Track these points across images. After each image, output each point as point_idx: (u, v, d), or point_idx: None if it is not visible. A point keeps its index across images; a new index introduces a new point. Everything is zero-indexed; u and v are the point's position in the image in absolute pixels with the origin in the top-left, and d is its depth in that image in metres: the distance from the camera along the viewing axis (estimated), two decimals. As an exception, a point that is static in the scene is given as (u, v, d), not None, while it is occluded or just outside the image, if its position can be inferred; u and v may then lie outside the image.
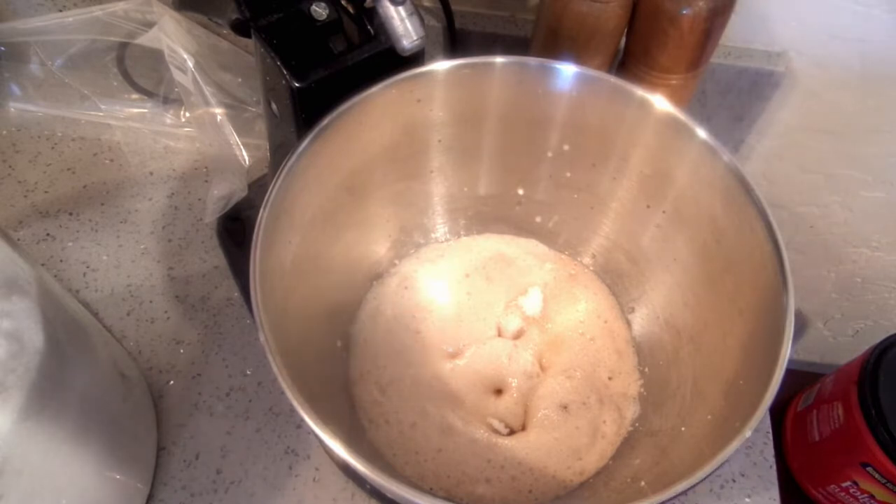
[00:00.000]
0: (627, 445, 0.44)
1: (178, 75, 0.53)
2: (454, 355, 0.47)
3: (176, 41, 0.51)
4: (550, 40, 0.48)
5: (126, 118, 0.62)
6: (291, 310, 0.37)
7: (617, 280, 0.50)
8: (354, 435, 0.43)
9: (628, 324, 0.49)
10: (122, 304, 0.52)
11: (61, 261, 0.54)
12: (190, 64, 0.51)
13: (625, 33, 0.49)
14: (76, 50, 0.59)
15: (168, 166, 0.60)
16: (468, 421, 0.44)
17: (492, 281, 0.50)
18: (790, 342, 0.32)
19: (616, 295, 0.50)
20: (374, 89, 0.38)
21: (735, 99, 0.57)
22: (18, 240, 0.55)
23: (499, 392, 0.46)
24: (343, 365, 0.46)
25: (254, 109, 0.59)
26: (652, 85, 0.48)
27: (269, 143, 0.46)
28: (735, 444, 0.29)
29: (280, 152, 0.43)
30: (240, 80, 0.58)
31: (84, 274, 0.54)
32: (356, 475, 0.44)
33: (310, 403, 0.30)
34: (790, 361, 0.31)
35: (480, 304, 0.49)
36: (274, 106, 0.40)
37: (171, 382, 0.48)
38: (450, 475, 0.42)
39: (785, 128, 0.60)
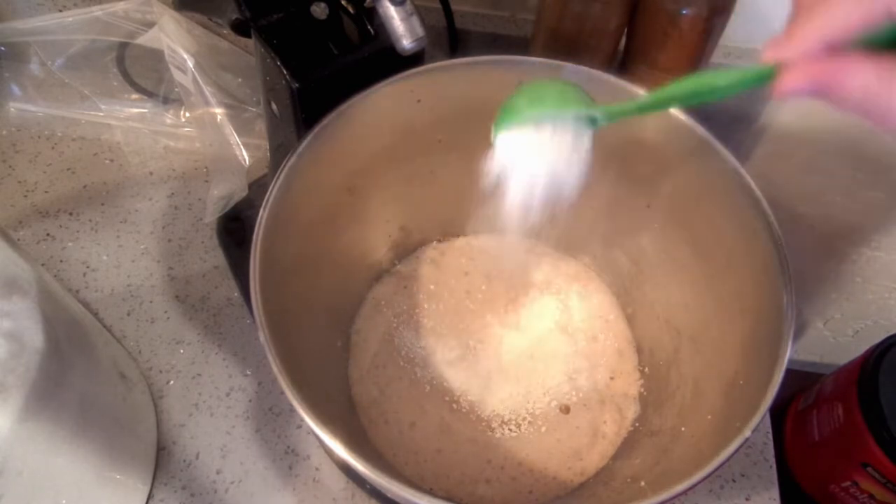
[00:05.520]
0: (627, 445, 0.44)
1: (178, 75, 0.53)
2: (453, 355, 0.47)
3: (176, 41, 0.51)
4: (550, 40, 0.48)
5: (126, 118, 0.62)
6: (291, 310, 0.37)
7: (617, 280, 0.50)
8: (354, 435, 0.43)
9: (629, 323, 0.49)
10: (122, 304, 0.52)
11: (61, 261, 0.54)
12: (190, 64, 0.51)
13: (625, 33, 0.49)
14: (76, 50, 0.59)
15: (168, 166, 0.60)
16: (468, 421, 0.44)
17: (491, 280, 0.50)
18: (790, 342, 0.32)
19: (616, 295, 0.50)
20: (374, 89, 0.38)
21: (735, 99, 0.57)
22: (18, 240, 0.55)
23: (499, 392, 0.46)
24: (343, 365, 0.46)
25: (254, 109, 0.59)
26: (652, 85, 0.48)
27: (269, 143, 0.46)
28: (735, 444, 0.29)
29: (280, 152, 0.43)
30: (240, 80, 0.58)
31: (84, 274, 0.54)
32: (356, 475, 0.44)
33: (310, 403, 0.30)
34: (790, 361, 0.31)
35: (480, 303, 0.49)
36: (274, 106, 0.40)
37: (171, 382, 0.48)
38: (450, 475, 0.42)
39: (785, 128, 0.60)
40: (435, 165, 0.46)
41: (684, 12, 0.44)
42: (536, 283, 0.50)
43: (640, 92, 0.39)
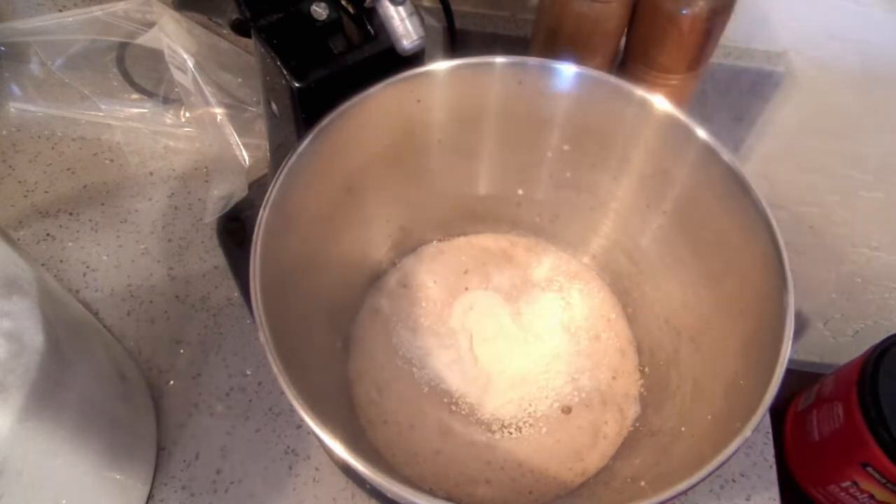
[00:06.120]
0: (627, 445, 0.44)
1: (178, 75, 0.53)
2: (453, 354, 0.47)
3: (176, 41, 0.51)
4: (550, 40, 0.48)
5: (126, 118, 0.62)
6: (291, 310, 0.37)
7: (617, 280, 0.50)
8: (354, 435, 0.43)
9: (629, 323, 0.49)
10: (122, 304, 0.52)
11: (61, 261, 0.54)
12: (190, 64, 0.51)
13: (625, 33, 0.49)
14: (76, 50, 0.59)
15: (168, 166, 0.60)
16: (467, 422, 0.44)
17: (491, 278, 0.50)
18: (790, 342, 0.32)
19: (616, 295, 0.50)
20: (374, 89, 0.38)
21: (735, 99, 0.57)
22: (18, 240, 0.55)
23: (499, 395, 0.46)
24: (343, 365, 0.46)
25: (254, 109, 0.59)
26: (652, 85, 0.48)
27: (269, 143, 0.46)
28: (735, 444, 0.29)
29: (280, 152, 0.43)
30: (240, 80, 0.58)
31: (84, 274, 0.54)
32: (356, 475, 0.44)
33: (310, 403, 0.30)
34: (790, 361, 0.31)
35: (479, 302, 0.49)
36: (274, 106, 0.40)
37: (171, 382, 0.48)
38: (449, 476, 0.42)
39: (785, 128, 0.60)
40: (435, 165, 0.46)
41: (684, 12, 0.44)
42: (538, 282, 0.50)
43: (640, 92, 0.39)
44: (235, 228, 0.54)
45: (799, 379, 0.60)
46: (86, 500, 0.38)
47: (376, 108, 0.39)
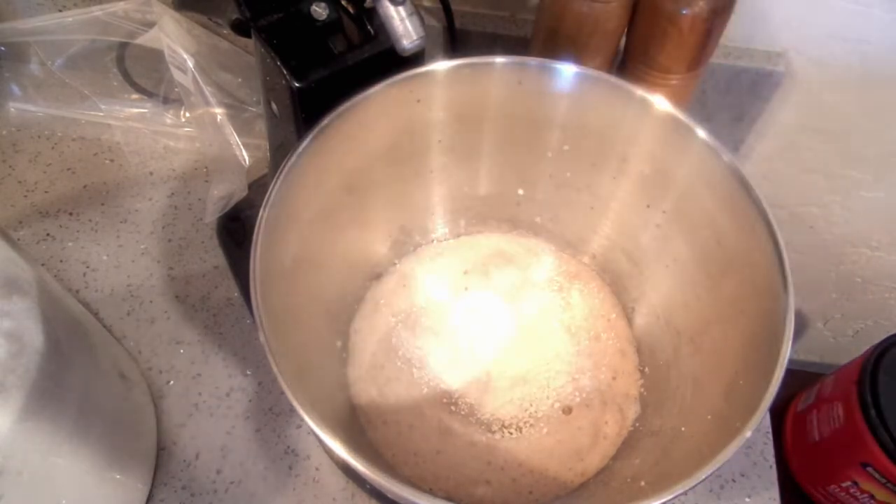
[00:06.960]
0: (627, 445, 0.44)
1: (178, 75, 0.53)
2: (452, 355, 0.47)
3: (176, 41, 0.51)
4: (550, 40, 0.48)
5: (126, 118, 0.62)
6: (291, 310, 0.37)
7: (617, 280, 0.50)
8: (354, 435, 0.43)
9: (629, 323, 0.49)
10: (122, 304, 0.52)
11: (61, 261, 0.54)
12: (190, 64, 0.51)
13: (625, 33, 0.49)
14: (76, 50, 0.59)
15: (168, 166, 0.60)
16: (467, 423, 0.44)
17: (491, 278, 0.50)
18: (790, 342, 0.32)
19: (616, 295, 0.50)
20: (374, 89, 0.38)
21: (735, 99, 0.57)
22: (18, 240, 0.55)
23: (499, 395, 0.46)
24: (343, 365, 0.46)
25: (254, 109, 0.59)
26: (652, 85, 0.48)
27: (269, 143, 0.46)
28: (735, 444, 0.29)
29: (280, 152, 0.43)
30: (240, 80, 0.58)
31: (84, 274, 0.54)
32: (356, 475, 0.44)
33: (310, 403, 0.30)
34: (790, 361, 0.31)
35: (479, 302, 0.49)
36: (274, 106, 0.40)
37: (171, 382, 0.48)
38: (449, 476, 0.42)
39: (785, 128, 0.60)
40: (435, 165, 0.46)
41: (684, 12, 0.44)
42: (538, 282, 0.50)
43: (640, 92, 0.39)
44: (235, 228, 0.54)
45: (799, 379, 0.60)
46: (86, 500, 0.38)
47: (376, 108, 0.39)
